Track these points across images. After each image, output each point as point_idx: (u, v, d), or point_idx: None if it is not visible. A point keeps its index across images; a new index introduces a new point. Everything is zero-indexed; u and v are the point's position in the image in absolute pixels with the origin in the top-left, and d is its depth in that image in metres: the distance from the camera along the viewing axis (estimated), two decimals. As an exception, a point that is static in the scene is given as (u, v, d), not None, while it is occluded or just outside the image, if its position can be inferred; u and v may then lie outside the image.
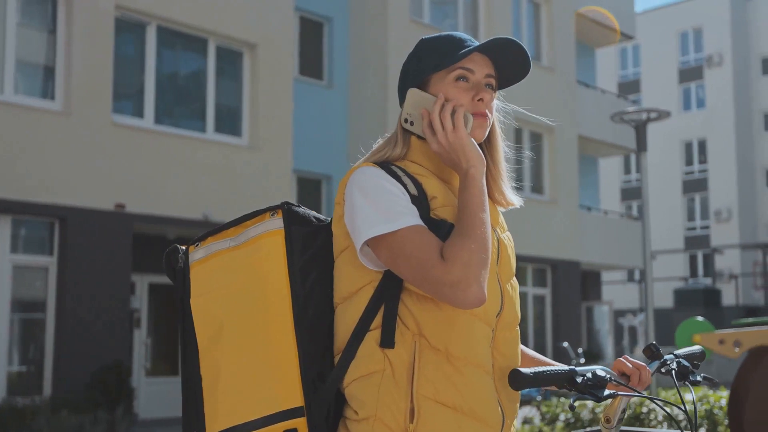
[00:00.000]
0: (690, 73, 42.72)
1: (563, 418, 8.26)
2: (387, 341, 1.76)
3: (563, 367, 1.83)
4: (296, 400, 1.77)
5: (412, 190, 1.81)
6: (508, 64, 1.93)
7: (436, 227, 1.78)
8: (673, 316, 26.82)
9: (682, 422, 6.29)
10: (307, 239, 1.87)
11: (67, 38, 13.02)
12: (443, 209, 1.82)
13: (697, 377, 2.03)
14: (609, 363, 21.47)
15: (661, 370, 2.05)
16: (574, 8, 22.64)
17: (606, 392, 1.82)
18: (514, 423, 1.89)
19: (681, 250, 41.20)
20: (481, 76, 1.90)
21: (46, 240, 12.85)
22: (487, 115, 1.90)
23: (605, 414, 1.97)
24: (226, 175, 14.45)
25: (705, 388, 8.66)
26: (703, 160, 41.94)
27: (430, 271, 1.70)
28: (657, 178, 42.74)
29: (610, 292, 35.99)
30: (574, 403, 1.80)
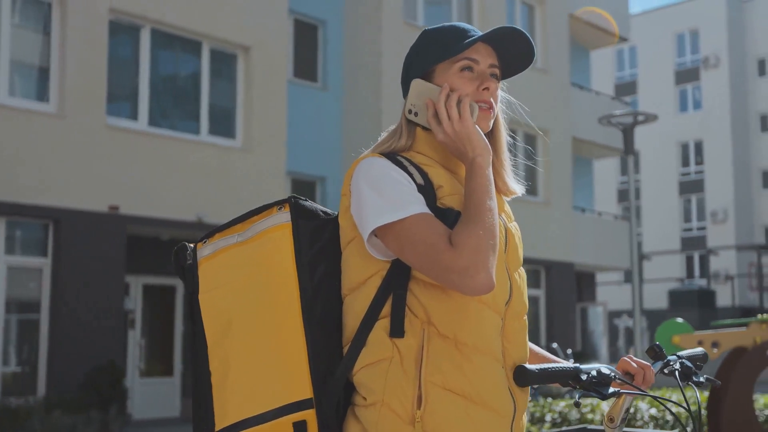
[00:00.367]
0: (686, 75, 42.80)
1: (549, 419, 8.34)
2: (396, 330, 1.76)
3: (568, 364, 1.84)
4: (305, 392, 1.78)
5: (419, 179, 1.82)
6: (512, 53, 1.93)
7: (443, 216, 1.78)
8: (668, 317, 26.90)
9: (688, 427, 6.35)
10: (315, 233, 1.87)
11: (62, 41, 13.09)
12: (450, 198, 1.82)
13: (700, 378, 2.02)
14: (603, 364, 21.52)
15: (664, 371, 2.04)
16: (568, 10, 22.72)
17: (610, 390, 1.83)
18: (524, 414, 1.88)
19: (677, 251, 41.29)
20: (485, 65, 1.91)
21: (41, 241, 12.92)
22: (492, 105, 1.92)
23: (609, 414, 1.95)
24: (220, 177, 14.52)
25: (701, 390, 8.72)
26: (700, 162, 42.03)
27: (438, 258, 1.70)
28: (653, 180, 42.83)
29: (606, 293, 36.06)
30: (579, 400, 1.81)
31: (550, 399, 9.13)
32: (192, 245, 1.99)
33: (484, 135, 1.90)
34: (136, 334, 14.86)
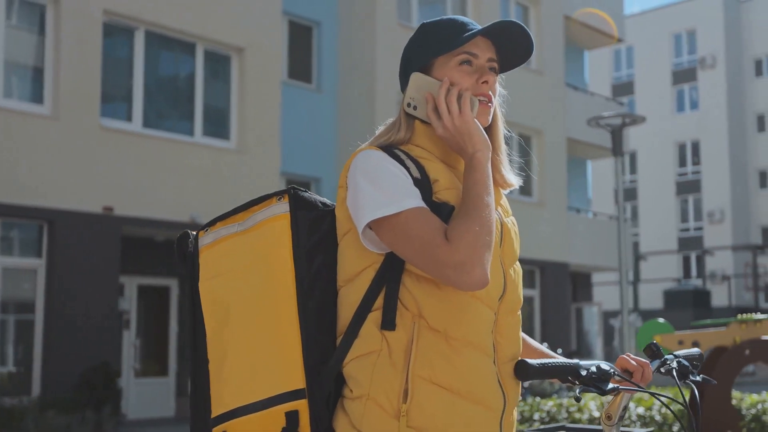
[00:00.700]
0: (683, 75, 42.88)
1: (537, 417, 8.40)
2: (388, 323, 1.76)
3: (568, 360, 1.85)
4: (298, 382, 1.79)
5: (415, 173, 1.81)
6: (511, 47, 1.93)
7: (438, 210, 1.78)
8: (664, 318, 26.95)
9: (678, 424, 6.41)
10: (314, 224, 1.87)
11: (56, 42, 13.14)
12: (446, 192, 1.82)
13: (697, 377, 2.03)
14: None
15: (660, 370, 2.04)
16: (563, 11, 22.79)
17: (610, 386, 1.84)
18: (515, 408, 1.88)
19: (674, 251, 41.36)
20: (484, 59, 1.91)
21: (35, 242, 12.98)
22: (491, 98, 1.92)
23: (606, 411, 1.95)
24: (215, 179, 14.58)
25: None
26: (697, 162, 42.11)
27: (433, 253, 1.70)
28: (650, 180, 42.92)
29: (602, 293, 36.12)
30: (579, 395, 1.80)
31: (539, 398, 9.19)
32: (194, 233, 2.01)
33: (484, 129, 1.91)
34: (131, 335, 14.92)
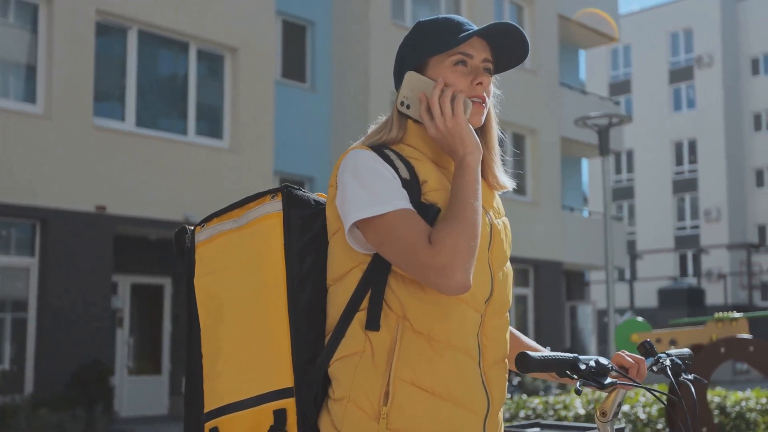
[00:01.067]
0: (680, 74, 42.93)
1: (523, 415, 8.47)
2: (372, 323, 1.76)
3: (567, 354, 1.86)
4: (287, 380, 1.79)
5: (404, 173, 1.81)
6: (506, 49, 1.93)
7: (425, 211, 1.77)
8: (658, 316, 27.02)
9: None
10: (306, 222, 1.88)
11: (49, 42, 13.19)
12: (434, 193, 1.81)
13: (689, 376, 2.05)
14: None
15: (653, 368, 2.06)
16: (557, 10, 22.84)
17: (608, 380, 1.85)
18: (501, 410, 1.88)
19: (671, 249, 41.44)
20: (479, 60, 1.90)
21: (28, 241, 13.04)
22: (485, 100, 1.91)
23: (601, 408, 1.96)
24: (208, 178, 14.63)
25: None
26: (693, 160, 42.16)
27: (416, 255, 1.70)
28: (647, 178, 42.98)
29: (598, 291, 36.20)
30: (580, 388, 1.82)
31: (525, 396, 9.26)
32: (191, 228, 2.03)
33: (477, 129, 1.92)
34: (124, 333, 14.99)
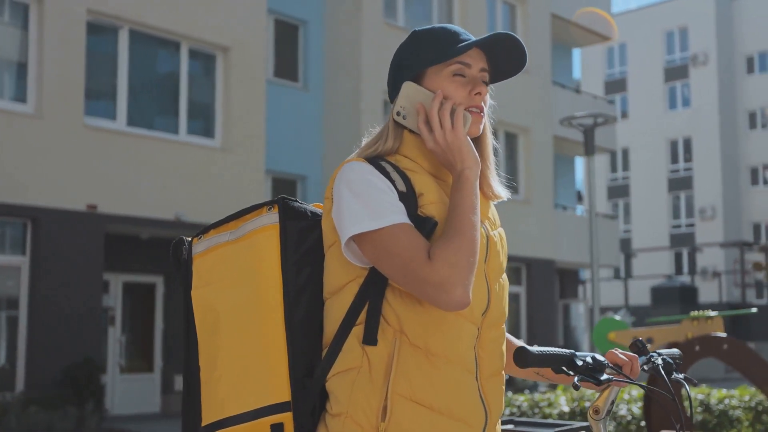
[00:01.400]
0: (675, 72, 43.00)
1: (508, 412, 8.54)
2: (369, 338, 1.75)
3: (564, 350, 1.87)
4: (284, 394, 1.78)
5: (401, 186, 1.79)
6: (503, 59, 1.92)
7: (422, 224, 1.76)
8: (651, 314, 27.13)
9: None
10: (303, 234, 1.86)
11: (39, 41, 13.22)
12: (431, 206, 1.79)
13: (680, 375, 2.06)
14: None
15: (644, 367, 2.08)
16: (550, 9, 22.89)
17: (604, 376, 1.87)
18: (498, 423, 1.87)
19: (666, 247, 41.53)
20: (476, 70, 1.89)
21: (19, 240, 13.08)
22: (483, 110, 1.90)
23: (594, 406, 1.98)
24: (199, 177, 14.67)
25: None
26: (689, 159, 42.24)
27: (415, 271, 1.68)
28: (642, 176, 43.06)
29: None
30: (578, 383, 1.84)
31: (510, 393, 9.32)
32: (188, 239, 2.02)
33: (473, 139, 1.91)
34: (116, 331, 15.04)
